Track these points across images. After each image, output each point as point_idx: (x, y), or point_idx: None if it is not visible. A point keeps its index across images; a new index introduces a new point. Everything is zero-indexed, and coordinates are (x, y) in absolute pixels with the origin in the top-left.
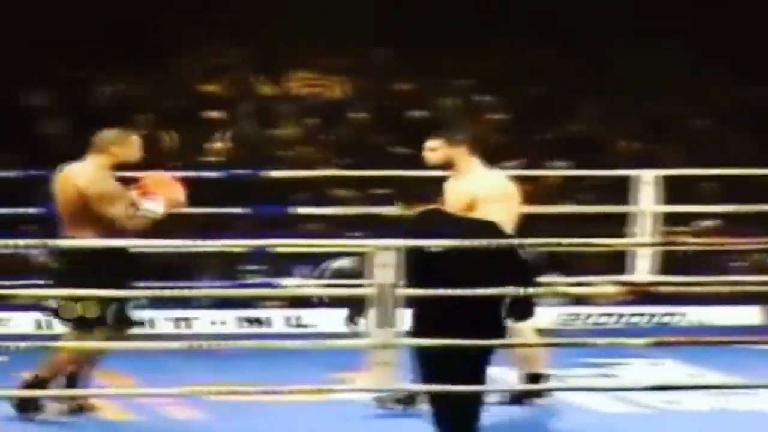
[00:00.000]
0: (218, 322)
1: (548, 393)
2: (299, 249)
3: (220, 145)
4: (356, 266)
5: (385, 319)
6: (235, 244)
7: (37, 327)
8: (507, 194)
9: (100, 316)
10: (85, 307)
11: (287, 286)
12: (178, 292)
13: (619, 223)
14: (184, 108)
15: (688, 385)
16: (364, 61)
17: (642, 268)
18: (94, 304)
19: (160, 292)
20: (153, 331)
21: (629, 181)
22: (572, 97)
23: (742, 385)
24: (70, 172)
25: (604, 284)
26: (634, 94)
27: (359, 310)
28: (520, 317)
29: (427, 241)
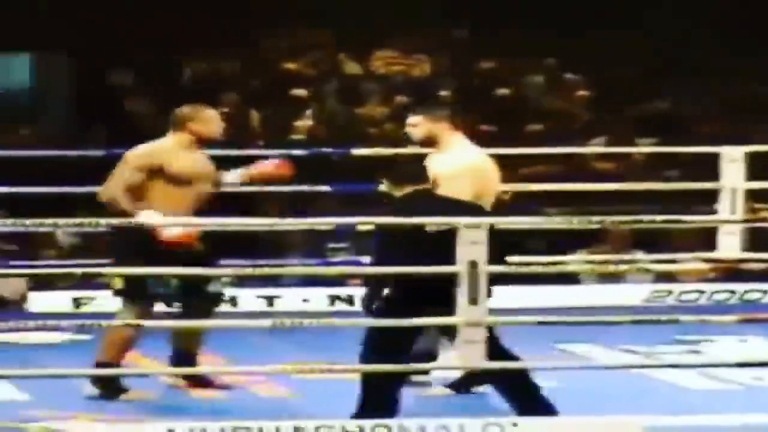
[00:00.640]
0: (305, 300)
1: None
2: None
3: (307, 123)
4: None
5: (476, 297)
6: (321, 221)
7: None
8: (475, 171)
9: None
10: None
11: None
12: (266, 270)
13: (702, 201)
14: (270, 87)
15: None
16: (444, 40)
17: (729, 245)
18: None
19: (244, 270)
20: (238, 309)
21: (717, 159)
22: (657, 78)
23: None
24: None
25: (691, 261)
26: (720, 75)
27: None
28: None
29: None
